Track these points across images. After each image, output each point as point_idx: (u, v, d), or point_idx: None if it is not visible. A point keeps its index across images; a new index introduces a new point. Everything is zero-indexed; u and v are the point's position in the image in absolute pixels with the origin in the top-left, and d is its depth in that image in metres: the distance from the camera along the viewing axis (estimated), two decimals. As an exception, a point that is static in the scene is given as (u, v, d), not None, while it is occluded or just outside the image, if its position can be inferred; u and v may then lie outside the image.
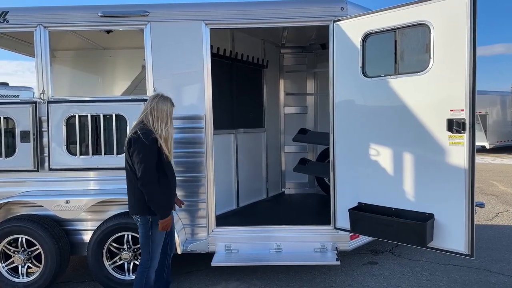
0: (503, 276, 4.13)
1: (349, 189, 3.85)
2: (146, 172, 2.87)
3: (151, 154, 2.91)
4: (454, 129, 3.14)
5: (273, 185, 6.25)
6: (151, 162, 2.90)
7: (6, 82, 14.43)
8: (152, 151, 2.91)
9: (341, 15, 3.85)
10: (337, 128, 3.90)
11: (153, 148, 2.92)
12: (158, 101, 3.07)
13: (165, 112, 3.05)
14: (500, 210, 6.99)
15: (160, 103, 3.06)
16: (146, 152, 2.88)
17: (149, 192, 2.90)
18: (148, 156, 2.89)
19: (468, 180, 3.10)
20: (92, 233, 3.84)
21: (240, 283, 4.06)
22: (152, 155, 2.91)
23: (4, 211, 4.04)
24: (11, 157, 3.95)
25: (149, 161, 2.89)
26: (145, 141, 2.88)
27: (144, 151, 2.87)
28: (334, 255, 3.93)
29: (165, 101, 3.10)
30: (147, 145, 2.88)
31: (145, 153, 2.87)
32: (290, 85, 6.50)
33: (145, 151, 2.88)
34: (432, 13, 3.21)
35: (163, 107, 3.06)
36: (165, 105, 3.07)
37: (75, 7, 4.04)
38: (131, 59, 5.95)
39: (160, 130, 2.99)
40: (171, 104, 3.15)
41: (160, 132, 2.99)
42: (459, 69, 3.10)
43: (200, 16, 3.92)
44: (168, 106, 3.09)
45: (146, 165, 2.87)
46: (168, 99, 3.14)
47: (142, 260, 3.08)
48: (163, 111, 3.04)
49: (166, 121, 3.04)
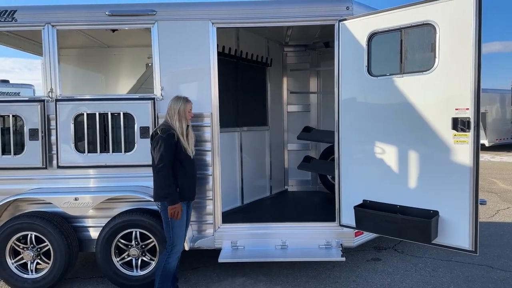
0: (505, 272, 4.20)
1: (354, 186, 3.90)
2: (159, 162, 3.25)
3: (166, 147, 3.26)
4: (459, 127, 3.20)
5: (276, 183, 6.30)
6: (165, 154, 3.25)
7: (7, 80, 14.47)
8: (167, 145, 3.27)
9: (346, 14, 3.89)
10: (342, 126, 3.95)
11: (169, 142, 3.29)
12: (172, 102, 3.49)
13: (177, 110, 3.40)
14: (500, 207, 7.06)
15: (173, 103, 3.47)
16: (161, 144, 3.26)
17: (159, 179, 3.30)
18: (163, 148, 3.25)
19: (472, 178, 3.16)
20: (100, 230, 3.88)
21: (246, 279, 4.12)
22: (166, 148, 3.26)
23: (13, 208, 4.09)
24: (19, 154, 3.99)
25: (163, 153, 3.24)
26: (162, 135, 3.28)
27: (160, 144, 3.26)
28: (339, 252, 3.98)
29: (177, 101, 3.46)
30: (163, 138, 3.27)
31: (160, 146, 3.26)
32: (294, 83, 6.54)
33: (160, 144, 3.26)
34: (437, 13, 3.25)
35: (175, 106, 3.44)
36: (177, 104, 3.44)
37: (83, 6, 4.06)
38: (135, 57, 6.00)
39: (176, 127, 3.37)
40: (184, 102, 3.46)
41: (176, 128, 3.37)
42: (464, 69, 3.15)
43: (207, 16, 3.96)
44: (181, 104, 3.43)
45: (160, 156, 3.25)
46: (181, 98, 3.49)
47: (166, 245, 3.44)
48: (175, 110, 3.42)
49: (179, 118, 3.40)
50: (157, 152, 3.26)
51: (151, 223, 3.81)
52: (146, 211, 3.90)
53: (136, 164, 3.98)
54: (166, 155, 3.25)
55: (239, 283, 4.04)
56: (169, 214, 3.28)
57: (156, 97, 3.96)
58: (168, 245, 3.42)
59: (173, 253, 3.40)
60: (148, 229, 3.83)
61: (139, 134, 3.95)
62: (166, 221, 3.37)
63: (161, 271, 3.39)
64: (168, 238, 3.41)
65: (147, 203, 3.96)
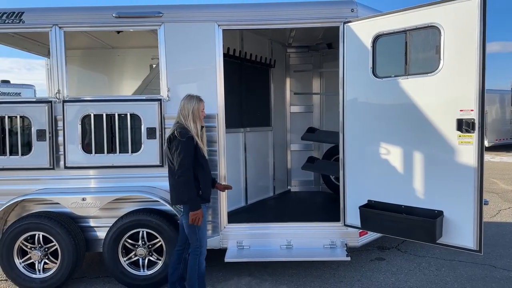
0: (508, 272, 4.24)
1: (358, 186, 3.94)
2: (181, 167, 3.16)
3: (187, 151, 3.17)
4: (464, 128, 3.24)
5: (280, 183, 6.34)
6: (186, 158, 3.17)
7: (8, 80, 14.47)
8: (188, 148, 3.18)
9: (351, 16, 3.93)
10: (347, 127, 3.99)
11: (189, 145, 3.19)
12: (185, 101, 3.37)
13: (191, 110, 3.31)
14: (502, 207, 7.11)
15: (186, 102, 3.36)
16: (182, 149, 3.16)
17: (182, 184, 3.18)
18: (184, 152, 3.16)
19: (477, 178, 3.20)
20: (107, 230, 3.91)
21: (251, 279, 4.16)
22: (187, 152, 3.17)
23: (19, 208, 4.12)
24: (27, 155, 4.02)
25: (185, 157, 3.16)
26: (181, 139, 3.17)
27: (180, 148, 3.16)
28: (344, 251, 4.02)
29: (190, 100, 3.35)
30: (183, 142, 3.17)
31: (181, 150, 3.16)
32: (297, 84, 6.58)
33: (181, 148, 3.16)
34: (442, 15, 3.30)
35: (189, 105, 3.33)
36: (190, 103, 3.34)
37: (90, 7, 4.10)
38: (139, 58, 6.04)
39: (192, 127, 3.28)
40: (198, 101, 3.36)
41: (192, 129, 3.27)
42: (468, 70, 3.19)
43: (213, 17, 4.00)
44: (194, 104, 3.33)
45: (181, 160, 3.15)
46: (194, 97, 3.38)
47: (192, 248, 3.36)
48: (189, 110, 3.31)
49: (194, 118, 3.30)
50: (177, 156, 3.16)
51: (158, 223, 3.84)
52: (153, 211, 3.93)
53: (142, 165, 4.02)
54: (187, 160, 3.16)
55: (245, 283, 4.08)
56: (190, 220, 3.20)
57: (163, 98, 4.00)
58: (195, 247, 3.35)
59: (202, 254, 3.38)
60: (155, 229, 3.86)
61: (145, 135, 3.99)
62: (189, 224, 3.27)
63: (198, 273, 3.36)
64: (195, 241, 3.33)
65: (153, 203, 4.00)
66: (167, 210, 3.98)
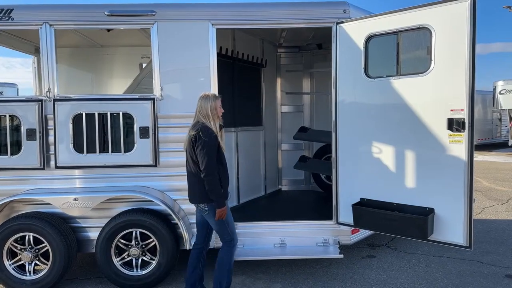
0: (494, 267, 4.36)
1: (351, 185, 4.00)
2: (208, 166, 3.18)
3: (212, 150, 3.21)
4: (454, 128, 3.32)
5: (270, 182, 6.36)
6: (212, 157, 3.20)
7: (-11, 79, 14.12)
8: (212, 147, 3.21)
9: (343, 17, 3.98)
10: (340, 126, 4.04)
11: (213, 144, 3.23)
12: (201, 101, 3.35)
13: (209, 109, 3.30)
14: (486, 205, 7.30)
15: (203, 102, 3.34)
16: (208, 147, 3.19)
17: (209, 183, 3.20)
18: (210, 151, 3.19)
19: (467, 176, 3.28)
20: (100, 230, 3.87)
21: (245, 277, 4.17)
22: (212, 151, 3.21)
23: (8, 209, 4.04)
24: (16, 155, 3.95)
25: (210, 155, 3.20)
26: (206, 138, 3.19)
27: (206, 147, 3.19)
28: (336, 249, 4.07)
29: (207, 99, 3.35)
30: (207, 142, 3.19)
31: (207, 149, 3.19)
32: (287, 84, 6.62)
33: (207, 147, 3.19)
34: (433, 17, 3.37)
35: (206, 105, 3.32)
36: (207, 102, 3.33)
37: (81, 5, 4.05)
38: (128, 57, 5.99)
39: (213, 126, 3.29)
40: (214, 99, 3.36)
41: (214, 128, 3.29)
42: (459, 71, 3.27)
43: (207, 17, 3.99)
44: (211, 102, 3.33)
45: (208, 159, 3.18)
46: (210, 96, 3.38)
47: (225, 241, 3.42)
48: (206, 109, 3.31)
49: (212, 117, 3.31)
50: (203, 156, 3.17)
51: (151, 223, 3.82)
52: (146, 211, 3.91)
53: (135, 164, 3.99)
54: (212, 159, 3.20)
55: (239, 282, 4.09)
56: (217, 217, 3.26)
57: (156, 97, 3.98)
58: (227, 241, 3.40)
59: (235, 246, 3.45)
60: (148, 229, 3.84)
61: (138, 134, 3.96)
62: (217, 221, 3.32)
63: (229, 265, 3.43)
64: (227, 235, 3.39)
65: (146, 203, 3.98)
66: (160, 210, 3.97)
